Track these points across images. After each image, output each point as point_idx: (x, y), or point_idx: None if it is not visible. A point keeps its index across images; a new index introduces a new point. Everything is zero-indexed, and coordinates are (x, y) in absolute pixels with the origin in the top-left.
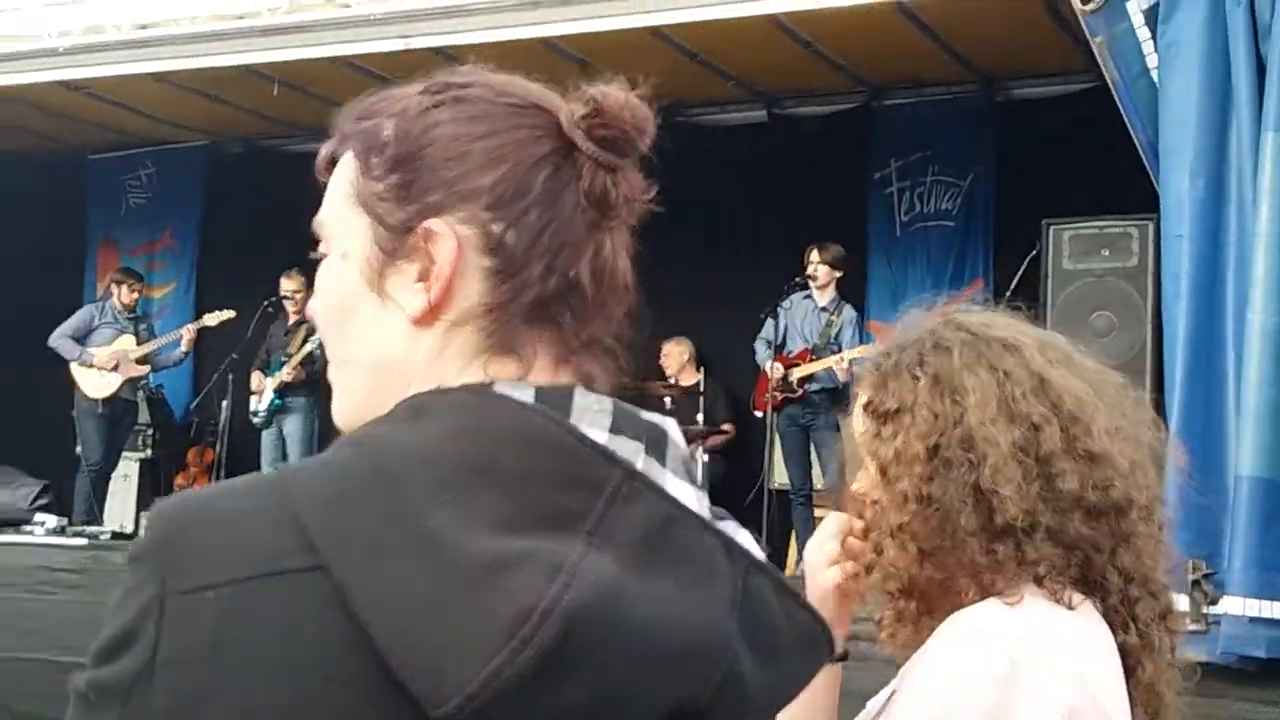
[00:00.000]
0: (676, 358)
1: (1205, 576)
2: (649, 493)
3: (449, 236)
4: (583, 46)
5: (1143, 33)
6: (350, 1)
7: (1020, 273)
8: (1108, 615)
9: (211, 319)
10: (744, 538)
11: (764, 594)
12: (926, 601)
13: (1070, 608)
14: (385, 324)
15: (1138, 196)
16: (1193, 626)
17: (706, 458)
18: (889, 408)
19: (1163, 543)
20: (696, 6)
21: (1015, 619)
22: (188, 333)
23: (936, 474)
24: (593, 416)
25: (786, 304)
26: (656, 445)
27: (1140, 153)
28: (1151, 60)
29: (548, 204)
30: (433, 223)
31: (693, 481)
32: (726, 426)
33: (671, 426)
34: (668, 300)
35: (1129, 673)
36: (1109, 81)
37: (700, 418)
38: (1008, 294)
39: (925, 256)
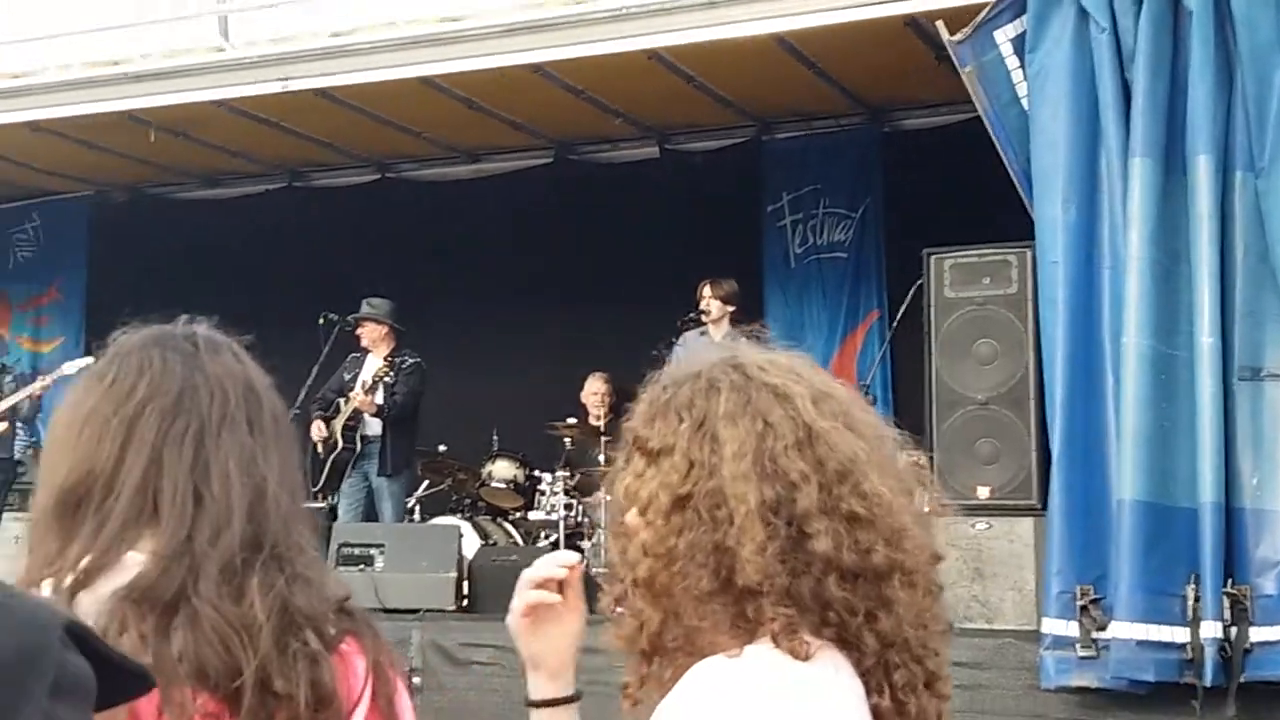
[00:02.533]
0: (602, 396)
1: (1093, 602)
2: None
3: None
4: (465, 85)
5: (1011, 61)
6: (226, 45)
7: (906, 303)
8: (864, 678)
9: (70, 367)
10: None
11: None
12: (670, 663)
13: (805, 659)
14: None
15: (1021, 223)
16: (1083, 652)
17: (608, 498)
18: (652, 447)
19: (932, 609)
20: (574, 44)
21: (736, 672)
22: (40, 383)
23: (685, 528)
24: None
25: (681, 341)
26: None
27: (1014, 180)
28: (1021, 88)
29: None
30: None
31: None
32: None
33: None
34: (575, 337)
35: None
36: (980, 110)
37: (601, 459)
38: (893, 324)
39: (820, 288)
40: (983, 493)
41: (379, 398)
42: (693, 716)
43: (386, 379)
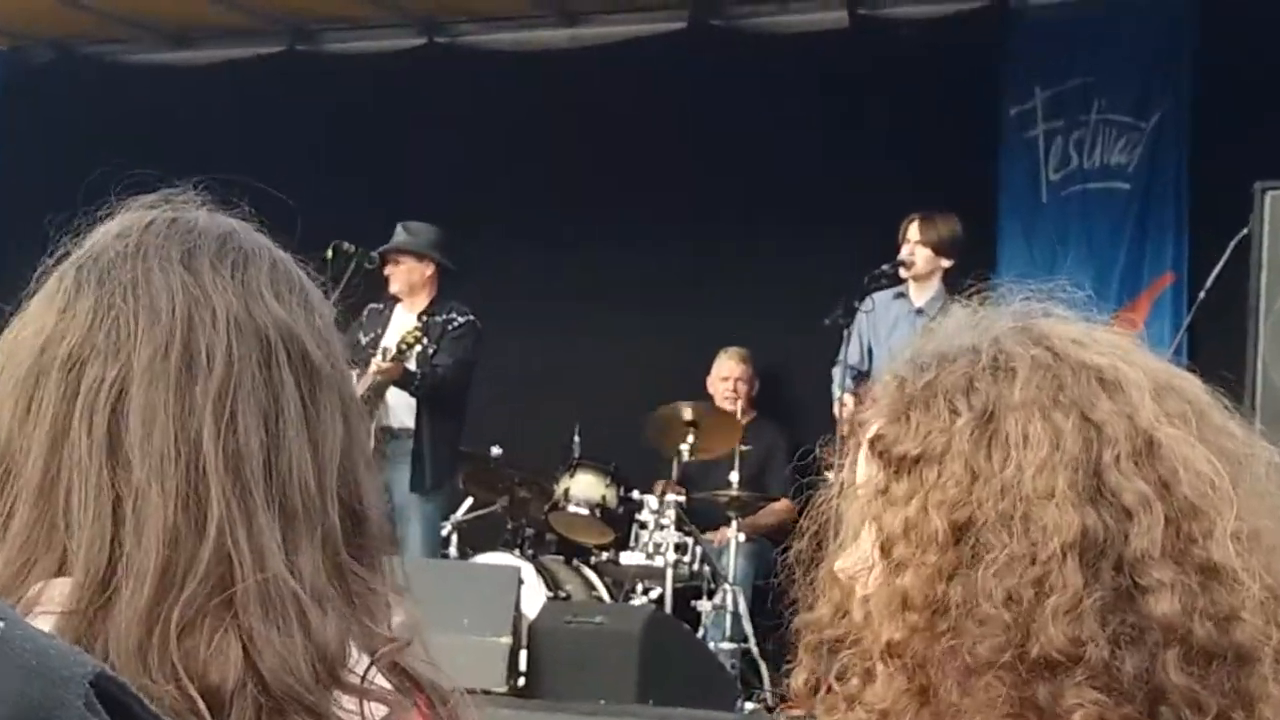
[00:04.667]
0: (736, 382)
1: None
2: None
3: None
4: None
5: None
6: None
7: (1222, 262)
8: None
9: None
10: None
11: None
12: None
13: None
14: None
15: None
16: None
17: (742, 537)
18: (907, 452)
19: None
20: None
21: None
22: None
23: (961, 568)
24: None
25: (867, 306)
26: None
27: None
28: None
29: None
30: None
31: None
32: (780, 502)
33: None
34: (704, 293)
35: None
36: None
37: (734, 479)
38: (1200, 294)
39: (1085, 235)
40: None
41: (411, 366)
42: None
43: (421, 344)
